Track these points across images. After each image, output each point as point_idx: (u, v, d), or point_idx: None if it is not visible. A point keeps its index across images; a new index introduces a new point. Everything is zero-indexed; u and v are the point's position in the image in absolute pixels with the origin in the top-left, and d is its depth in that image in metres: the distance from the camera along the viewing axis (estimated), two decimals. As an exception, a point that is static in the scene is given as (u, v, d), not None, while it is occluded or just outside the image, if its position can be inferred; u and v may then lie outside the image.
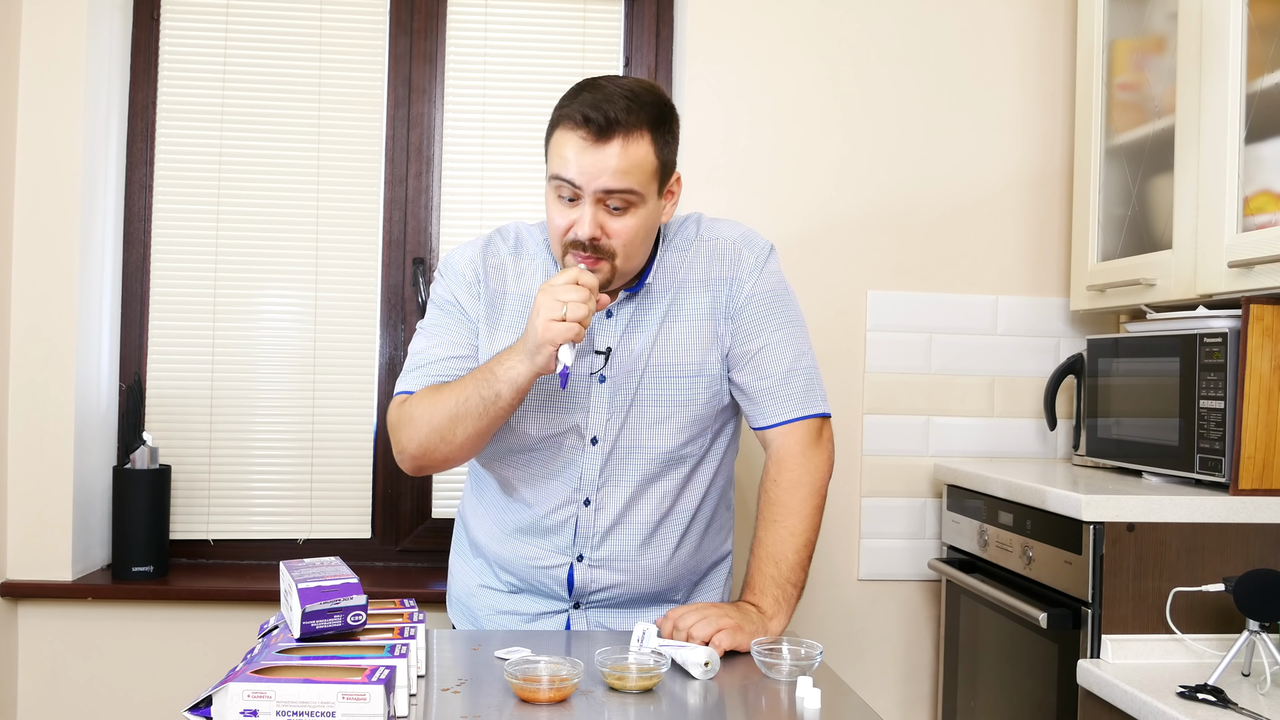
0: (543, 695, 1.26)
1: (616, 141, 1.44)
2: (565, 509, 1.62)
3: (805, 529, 1.62)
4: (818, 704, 1.29)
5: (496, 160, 2.43)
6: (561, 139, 1.47)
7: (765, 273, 1.63)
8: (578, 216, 1.47)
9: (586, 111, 1.43)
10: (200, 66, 2.38)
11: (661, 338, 1.60)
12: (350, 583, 1.31)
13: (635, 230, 1.49)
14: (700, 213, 1.70)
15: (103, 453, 2.32)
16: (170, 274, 2.37)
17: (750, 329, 1.61)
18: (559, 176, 1.47)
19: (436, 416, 1.52)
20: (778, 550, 1.59)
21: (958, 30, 2.37)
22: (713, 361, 1.61)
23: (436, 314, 1.65)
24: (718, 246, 1.63)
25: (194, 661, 2.23)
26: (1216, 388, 1.72)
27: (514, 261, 1.64)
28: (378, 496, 2.41)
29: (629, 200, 1.47)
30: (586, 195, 1.46)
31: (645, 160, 1.46)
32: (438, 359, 1.60)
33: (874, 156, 2.35)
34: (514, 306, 1.61)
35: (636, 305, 1.60)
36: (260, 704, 1.11)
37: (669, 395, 1.60)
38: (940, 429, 2.36)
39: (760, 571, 1.58)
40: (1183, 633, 1.63)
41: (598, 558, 1.63)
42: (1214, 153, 1.78)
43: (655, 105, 1.48)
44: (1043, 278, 2.39)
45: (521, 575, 1.68)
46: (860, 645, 2.35)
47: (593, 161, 1.44)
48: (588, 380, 1.59)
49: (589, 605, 1.67)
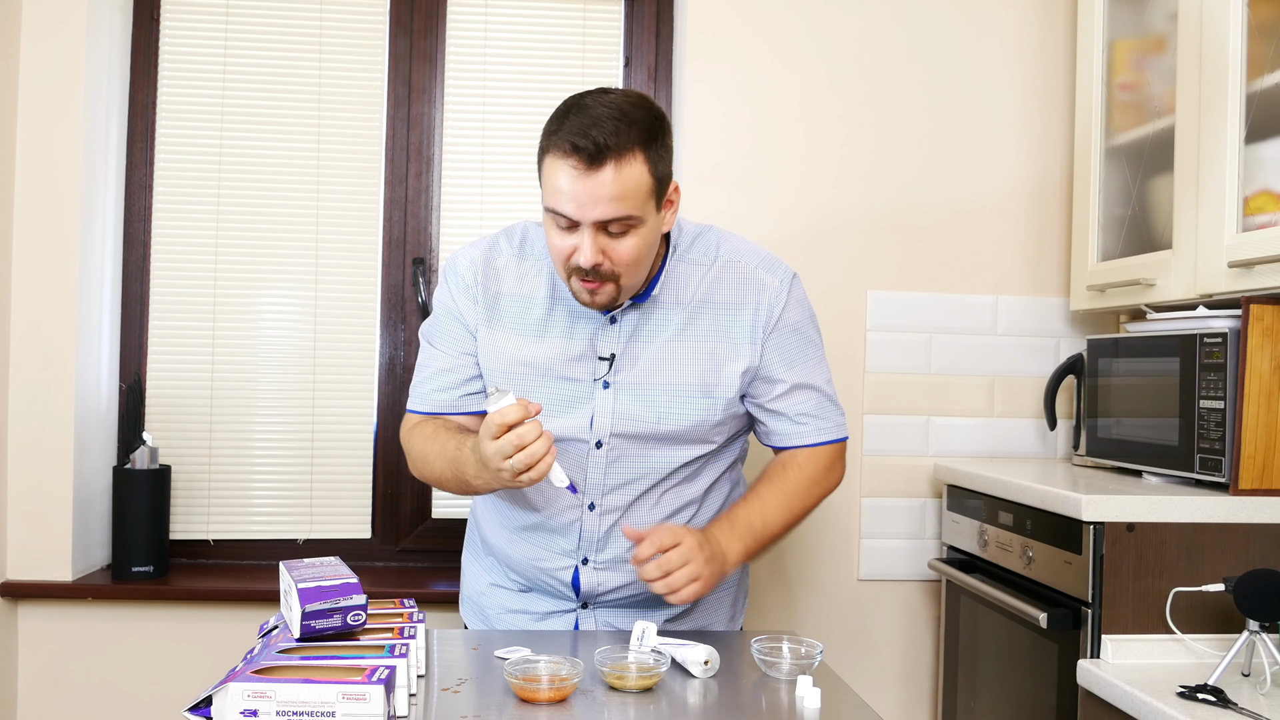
0: (543, 695, 1.26)
1: (609, 168, 1.39)
2: (569, 512, 1.61)
3: (797, 516, 1.65)
4: (818, 703, 1.29)
5: (496, 160, 2.43)
6: (552, 168, 1.42)
7: (792, 301, 1.61)
8: (577, 243, 1.44)
9: (575, 140, 1.38)
10: (200, 66, 2.38)
11: (674, 354, 1.58)
12: (350, 583, 1.31)
13: (637, 250, 1.46)
14: (716, 227, 1.67)
15: (103, 453, 2.32)
16: (170, 274, 2.37)
17: (778, 361, 1.61)
18: (554, 210, 1.44)
19: (429, 471, 1.61)
20: (771, 514, 1.61)
21: (958, 30, 2.37)
22: (727, 384, 1.59)
23: (436, 321, 1.66)
24: (740, 270, 1.60)
25: (194, 661, 2.23)
26: (1216, 388, 1.72)
27: (517, 263, 1.62)
28: (378, 496, 2.41)
29: (628, 225, 1.44)
30: (585, 225, 1.43)
31: (640, 182, 1.42)
32: (434, 374, 1.65)
33: (874, 157, 2.35)
34: (514, 307, 1.61)
35: (642, 314, 1.58)
36: (260, 704, 1.11)
37: (679, 413, 1.57)
38: (940, 429, 2.36)
39: (747, 519, 1.59)
40: (1183, 633, 1.63)
41: (603, 560, 1.62)
42: (1214, 153, 1.78)
43: (645, 121, 1.43)
44: (1043, 278, 2.39)
45: (528, 576, 1.67)
46: (860, 645, 2.35)
47: (586, 191, 1.40)
48: (590, 385, 1.58)
49: (597, 605, 1.66)
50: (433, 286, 2.41)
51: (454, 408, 1.64)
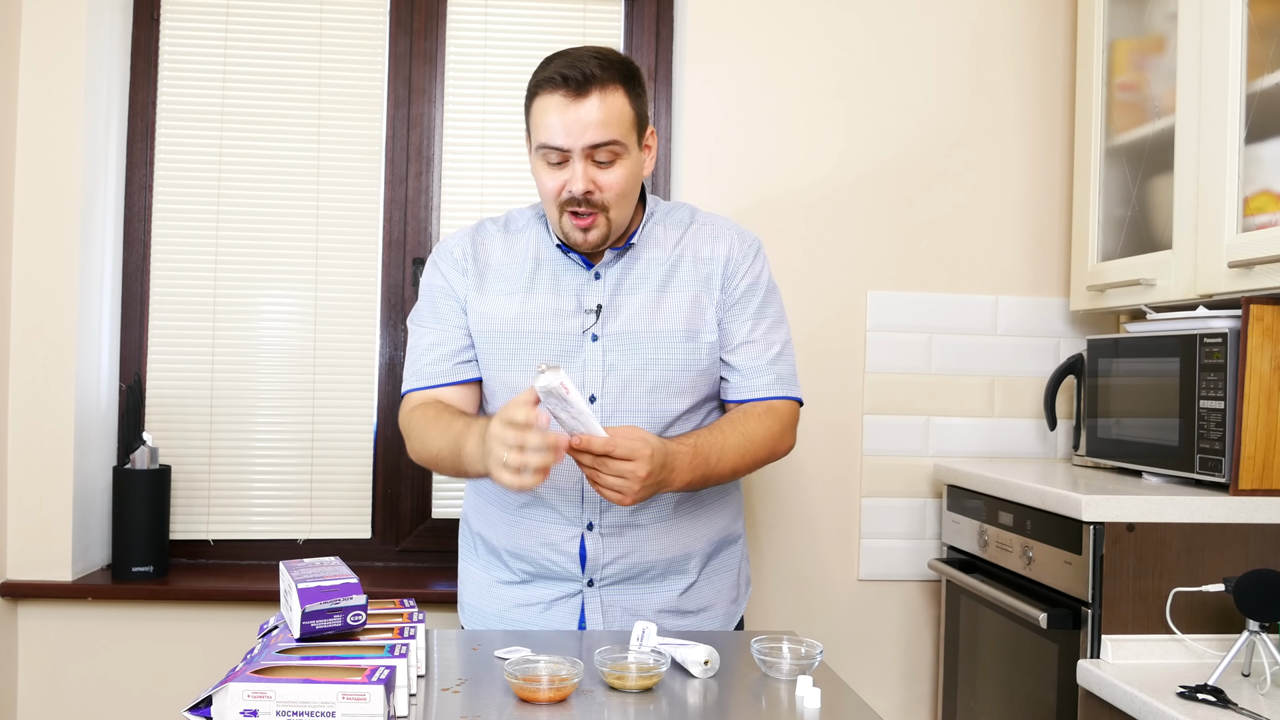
0: (543, 695, 1.26)
1: (594, 95, 1.52)
2: (570, 472, 1.61)
3: (745, 468, 1.64)
4: (818, 704, 1.29)
5: (496, 160, 2.43)
6: (542, 105, 1.55)
7: (758, 261, 1.71)
8: (568, 176, 1.55)
9: (564, 71, 1.52)
10: (200, 66, 2.38)
11: (658, 304, 1.65)
12: (350, 583, 1.31)
13: (624, 181, 1.57)
14: (690, 204, 1.80)
15: (103, 453, 2.32)
16: (170, 274, 2.37)
17: (743, 313, 1.68)
18: (546, 145, 1.55)
19: (425, 452, 1.63)
20: (728, 456, 1.59)
21: (958, 30, 2.37)
22: (710, 327, 1.67)
23: (423, 303, 1.73)
24: (715, 230, 1.72)
25: (194, 661, 2.23)
26: (1216, 388, 1.72)
27: (504, 236, 1.72)
28: (378, 496, 2.41)
29: (615, 152, 1.55)
30: (575, 153, 1.54)
31: (623, 111, 1.55)
32: (426, 349, 1.69)
33: (874, 157, 2.36)
34: (502, 272, 1.69)
35: (625, 266, 1.67)
36: (260, 704, 1.11)
37: (669, 358, 1.64)
38: (940, 429, 2.36)
39: (706, 454, 1.56)
40: (1183, 633, 1.63)
41: (608, 525, 1.64)
42: (1214, 153, 1.78)
43: (623, 63, 1.58)
44: (1043, 278, 2.39)
45: (533, 557, 1.68)
46: (860, 645, 2.35)
47: (575, 117, 1.52)
48: (580, 339, 1.63)
49: (602, 583, 1.67)
50: (433, 286, 2.41)
51: (450, 377, 1.68)
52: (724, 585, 1.76)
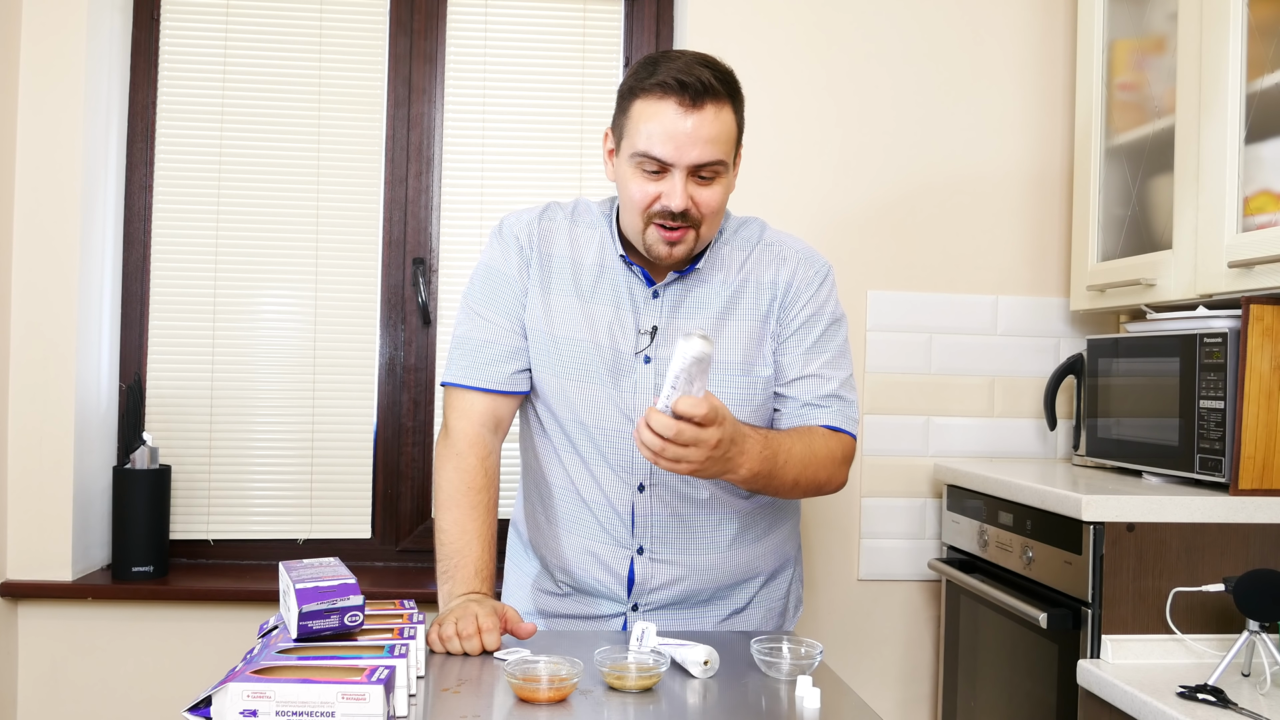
0: (542, 695, 1.26)
1: (709, 109, 1.42)
2: (620, 494, 1.58)
3: (801, 485, 1.54)
4: (818, 704, 1.29)
5: (496, 160, 2.43)
6: (648, 109, 1.43)
7: (823, 290, 1.61)
8: (665, 189, 1.45)
9: (680, 77, 1.40)
10: (200, 66, 2.38)
11: (716, 334, 1.56)
12: (347, 583, 1.31)
13: (721, 199, 1.49)
14: (761, 219, 1.69)
15: (103, 453, 2.32)
16: (170, 274, 2.37)
17: (799, 345, 1.59)
18: (646, 154, 1.44)
19: (435, 504, 1.60)
20: (791, 455, 1.49)
21: (957, 30, 2.37)
22: (764, 360, 1.59)
23: (480, 284, 1.62)
24: (780, 253, 1.62)
25: (194, 661, 2.23)
26: (1216, 388, 1.72)
27: (570, 227, 1.62)
28: (378, 496, 2.41)
29: (717, 170, 1.47)
30: (677, 168, 1.44)
31: (731, 129, 1.47)
32: (480, 345, 1.59)
33: (873, 157, 2.35)
34: (565, 269, 1.59)
35: (685, 288, 1.58)
36: (260, 704, 1.11)
37: (722, 393, 1.53)
38: (940, 429, 2.36)
39: (770, 443, 1.46)
40: (1183, 633, 1.63)
41: (657, 548, 1.60)
42: (1214, 153, 1.78)
43: (733, 77, 1.48)
44: (1043, 278, 2.39)
45: (580, 576, 1.63)
46: (860, 645, 2.35)
47: (686, 131, 1.41)
48: (633, 359, 1.56)
49: (646, 607, 1.63)
50: (433, 287, 2.41)
51: (504, 385, 1.59)
52: (774, 609, 1.72)
